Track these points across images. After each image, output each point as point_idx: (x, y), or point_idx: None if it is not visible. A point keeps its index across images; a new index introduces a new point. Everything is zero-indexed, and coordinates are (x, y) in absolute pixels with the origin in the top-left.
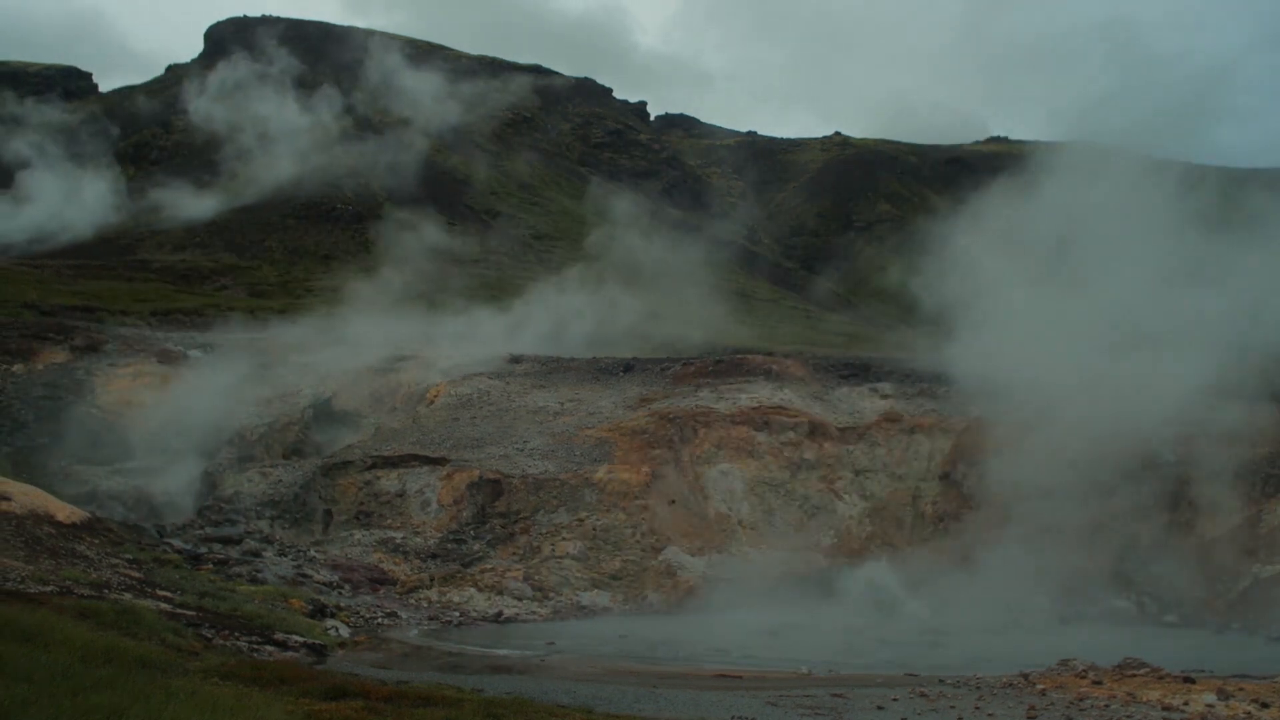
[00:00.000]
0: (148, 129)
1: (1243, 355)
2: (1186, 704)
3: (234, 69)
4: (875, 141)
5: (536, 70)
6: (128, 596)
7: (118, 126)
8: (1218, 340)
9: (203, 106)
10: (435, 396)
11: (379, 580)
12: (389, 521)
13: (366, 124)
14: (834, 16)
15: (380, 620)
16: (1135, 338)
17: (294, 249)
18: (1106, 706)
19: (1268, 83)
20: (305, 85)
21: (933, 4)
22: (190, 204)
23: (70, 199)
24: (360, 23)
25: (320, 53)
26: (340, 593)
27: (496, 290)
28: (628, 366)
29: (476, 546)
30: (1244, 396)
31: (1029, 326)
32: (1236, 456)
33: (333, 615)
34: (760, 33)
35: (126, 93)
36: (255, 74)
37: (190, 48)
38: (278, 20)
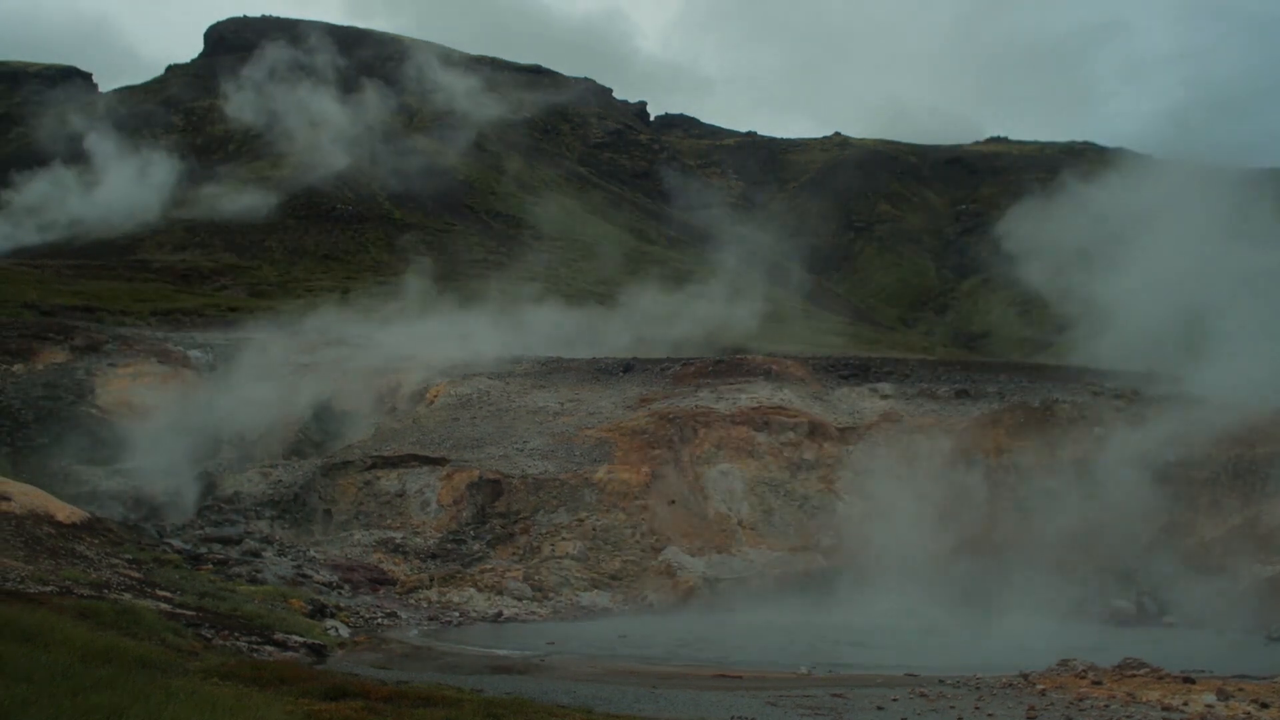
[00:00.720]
0: (148, 129)
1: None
2: (1186, 704)
3: (240, 69)
4: (874, 142)
5: (536, 71)
6: (127, 597)
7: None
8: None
9: (206, 106)
10: (435, 397)
11: (379, 580)
12: (389, 522)
13: (364, 124)
14: (831, 19)
15: (380, 620)
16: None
17: (294, 249)
18: (1106, 707)
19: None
20: (311, 84)
21: (928, 6)
22: (189, 202)
23: (139, 181)
24: (360, 24)
25: (323, 53)
26: (340, 593)
27: (492, 289)
28: (627, 366)
29: (476, 547)
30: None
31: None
32: (1237, 456)
33: (332, 615)
34: (759, 36)
35: (125, 93)
36: (256, 76)
37: (190, 47)
38: (277, 21)
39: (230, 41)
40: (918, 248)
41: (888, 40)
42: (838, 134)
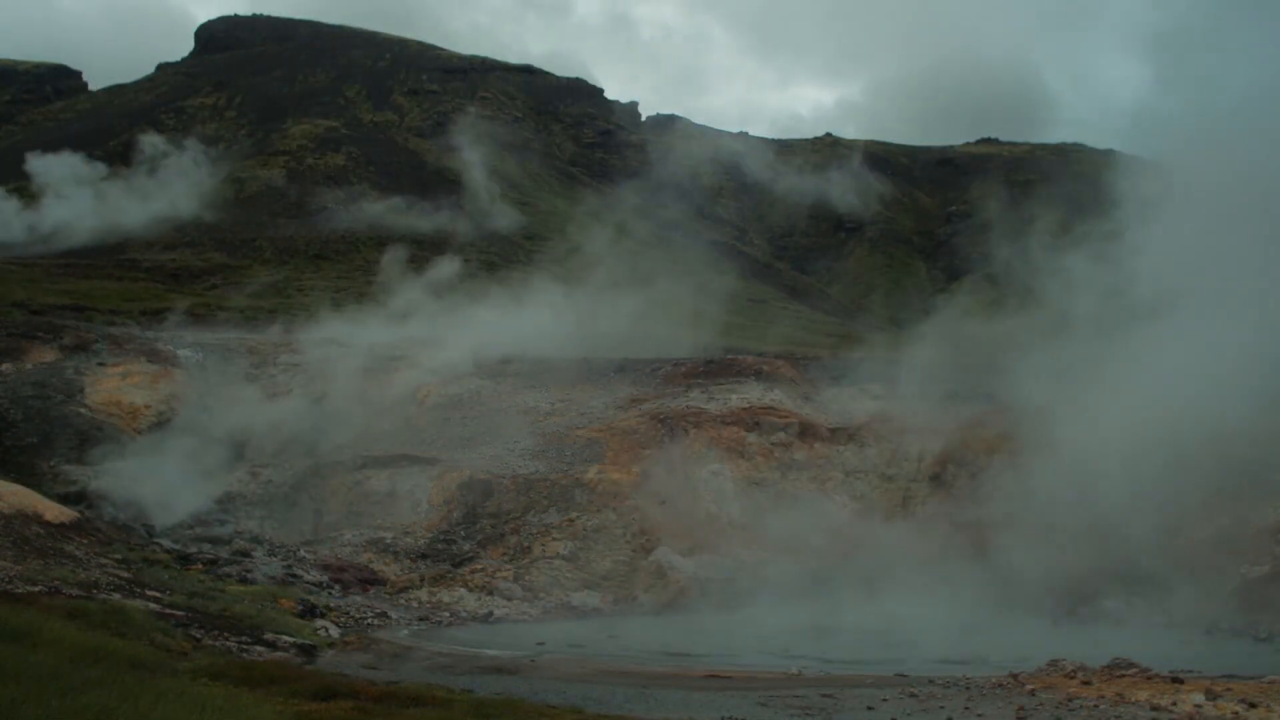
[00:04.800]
0: (137, 128)
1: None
2: (1175, 704)
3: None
4: (866, 142)
5: (528, 71)
6: (117, 596)
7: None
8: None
9: (197, 104)
10: (426, 397)
11: (369, 580)
12: (379, 521)
13: (358, 123)
14: (828, 21)
15: (370, 620)
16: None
17: (284, 248)
18: (1096, 707)
19: None
20: (295, 82)
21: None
22: (179, 201)
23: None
24: (349, 21)
25: (310, 50)
26: (330, 593)
27: (484, 288)
28: (619, 367)
29: (467, 547)
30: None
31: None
32: (1226, 458)
33: (323, 615)
34: (754, 35)
35: (117, 91)
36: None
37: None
38: (269, 20)
39: (221, 40)
40: (908, 248)
41: (880, 43)
42: (829, 134)
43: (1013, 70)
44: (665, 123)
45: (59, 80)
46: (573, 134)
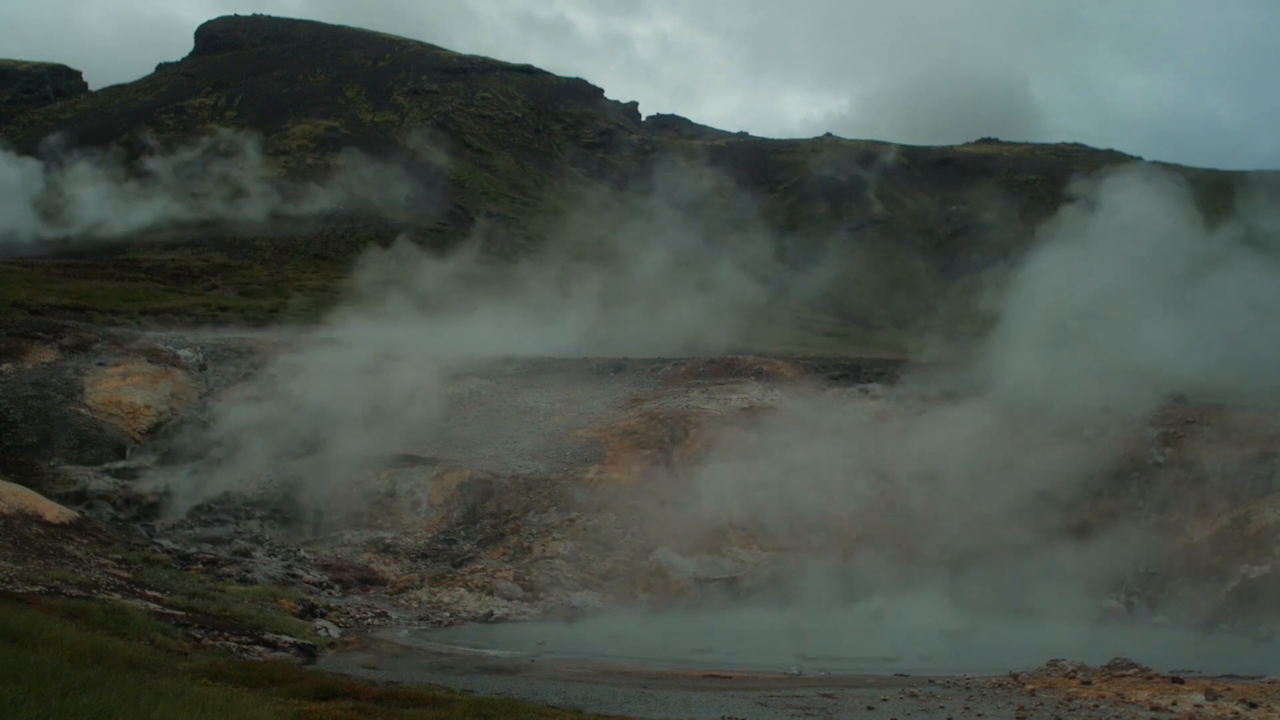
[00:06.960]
0: (138, 128)
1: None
2: (1175, 704)
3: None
4: (865, 143)
5: (528, 71)
6: (117, 597)
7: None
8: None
9: (197, 104)
10: (426, 397)
11: (369, 580)
12: (379, 521)
13: (356, 123)
14: (829, 23)
15: (370, 620)
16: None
17: (284, 248)
18: (1095, 706)
19: None
20: (295, 82)
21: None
22: (179, 201)
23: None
24: (351, 23)
25: (310, 50)
26: (330, 593)
27: (487, 291)
28: (619, 367)
29: (467, 547)
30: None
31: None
32: (1225, 457)
33: (323, 615)
34: (746, 52)
35: (117, 91)
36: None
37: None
38: (268, 20)
39: (221, 40)
40: (908, 248)
41: (879, 46)
42: (829, 134)
43: (999, 80)
44: (664, 122)
45: (59, 80)
46: (572, 134)
